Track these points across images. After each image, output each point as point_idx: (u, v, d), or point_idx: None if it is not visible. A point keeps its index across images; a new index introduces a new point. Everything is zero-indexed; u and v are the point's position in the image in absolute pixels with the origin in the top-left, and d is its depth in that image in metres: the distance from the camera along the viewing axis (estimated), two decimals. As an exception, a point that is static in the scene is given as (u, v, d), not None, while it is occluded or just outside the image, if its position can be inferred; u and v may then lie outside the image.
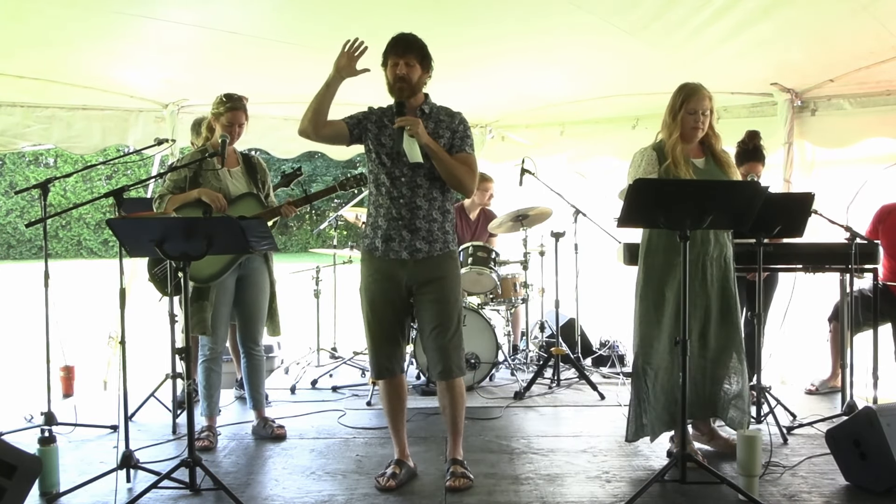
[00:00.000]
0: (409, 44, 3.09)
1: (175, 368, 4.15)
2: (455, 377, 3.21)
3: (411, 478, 3.27)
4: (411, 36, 3.11)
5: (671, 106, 3.41)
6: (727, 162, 3.46)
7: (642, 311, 3.45)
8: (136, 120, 5.54)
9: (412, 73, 3.09)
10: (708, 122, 3.38)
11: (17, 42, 4.30)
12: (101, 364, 5.34)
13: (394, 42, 3.10)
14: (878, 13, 3.78)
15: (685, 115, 3.35)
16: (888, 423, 3.01)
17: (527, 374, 5.30)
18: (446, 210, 3.24)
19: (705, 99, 3.35)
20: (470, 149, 3.22)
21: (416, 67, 3.09)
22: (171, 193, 3.75)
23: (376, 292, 3.21)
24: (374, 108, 3.26)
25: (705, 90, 3.37)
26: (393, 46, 3.10)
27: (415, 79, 3.10)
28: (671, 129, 3.38)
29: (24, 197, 25.52)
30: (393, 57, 3.10)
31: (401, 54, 3.08)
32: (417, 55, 3.09)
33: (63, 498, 3.07)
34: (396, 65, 3.09)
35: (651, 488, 2.99)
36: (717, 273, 3.42)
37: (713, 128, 3.43)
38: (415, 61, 3.09)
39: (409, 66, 3.08)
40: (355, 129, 3.21)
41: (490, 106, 6.10)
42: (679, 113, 3.36)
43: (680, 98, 3.38)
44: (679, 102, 3.37)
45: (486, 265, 5.20)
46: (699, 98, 3.34)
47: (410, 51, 3.08)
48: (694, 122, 3.34)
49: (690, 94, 3.35)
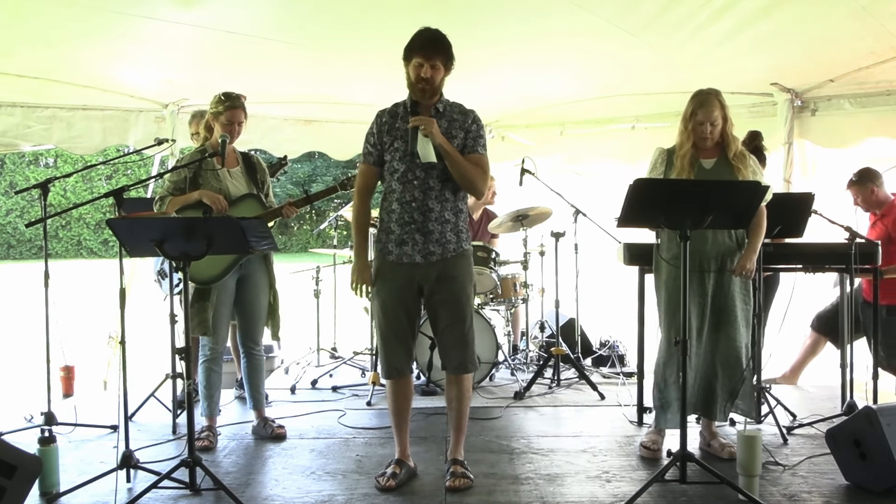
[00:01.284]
0: (437, 45, 3.02)
1: (175, 368, 4.14)
2: (469, 372, 3.25)
3: (411, 478, 3.27)
4: (437, 34, 3.04)
5: (684, 114, 3.46)
6: (741, 163, 3.44)
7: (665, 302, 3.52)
8: (136, 120, 5.55)
9: (437, 76, 3.04)
10: (719, 131, 3.41)
11: (17, 41, 4.31)
12: (101, 364, 5.34)
13: (421, 41, 3.02)
14: (878, 13, 3.79)
15: (695, 125, 3.40)
16: (888, 423, 3.01)
17: (527, 374, 5.30)
18: (459, 210, 3.22)
19: (715, 109, 3.38)
20: (483, 149, 3.19)
21: (441, 70, 3.05)
22: (171, 195, 3.74)
23: (388, 293, 3.21)
24: (383, 112, 3.23)
25: (716, 100, 3.39)
26: (421, 47, 3.02)
27: (437, 81, 3.06)
28: (682, 136, 3.45)
29: (24, 197, 25.52)
30: (420, 57, 3.02)
31: (429, 57, 3.01)
32: (443, 57, 3.04)
33: (63, 498, 3.07)
34: (421, 66, 3.02)
35: (651, 488, 2.99)
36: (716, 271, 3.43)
37: (728, 134, 3.45)
38: (440, 64, 3.04)
39: (434, 68, 3.03)
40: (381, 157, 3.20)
41: (490, 106, 6.09)
42: (689, 122, 3.42)
43: (690, 107, 3.43)
44: (689, 112, 3.43)
45: (486, 265, 5.20)
46: (707, 110, 3.37)
47: (438, 53, 3.02)
48: (702, 133, 3.39)
49: (699, 106, 3.39)
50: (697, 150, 3.46)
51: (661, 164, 3.51)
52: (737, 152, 3.46)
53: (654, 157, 3.57)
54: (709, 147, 3.46)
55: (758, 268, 3.72)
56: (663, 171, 3.49)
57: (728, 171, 3.44)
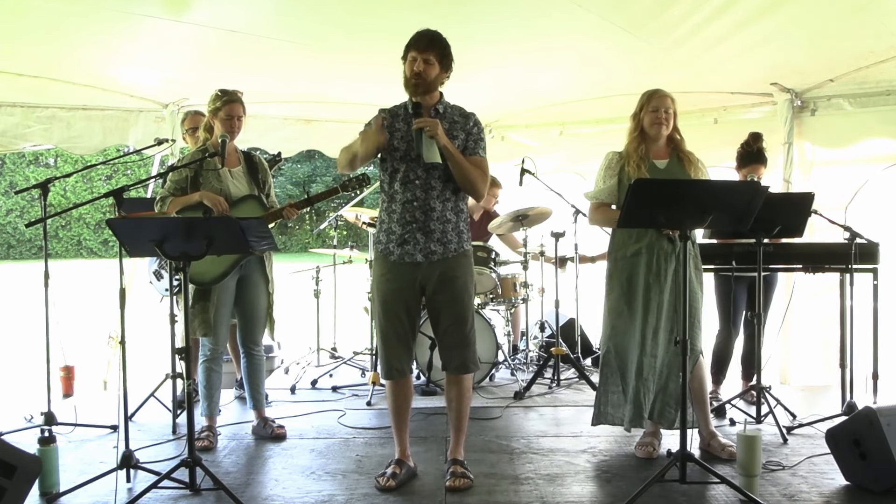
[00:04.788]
0: (430, 41, 3.07)
1: (175, 368, 4.14)
2: (471, 371, 3.26)
3: (411, 478, 3.27)
4: (435, 33, 3.09)
5: (634, 112, 3.57)
6: (693, 163, 3.52)
7: (611, 304, 3.56)
8: (136, 120, 5.54)
9: (429, 71, 3.07)
10: (672, 120, 3.51)
11: (17, 39, 4.30)
12: (101, 364, 5.34)
13: (416, 37, 3.08)
14: (878, 12, 3.78)
15: (647, 112, 3.49)
16: (888, 423, 3.01)
17: (527, 374, 5.30)
18: (460, 210, 3.23)
19: (667, 98, 3.50)
20: (483, 152, 3.21)
21: (435, 65, 3.08)
22: (172, 195, 3.74)
23: (389, 293, 3.21)
24: (384, 110, 3.23)
25: (668, 93, 3.51)
26: (415, 41, 3.08)
27: (431, 76, 3.08)
28: (633, 134, 3.54)
29: (24, 197, 25.55)
30: (413, 51, 3.07)
31: (421, 50, 3.06)
32: (438, 53, 3.07)
33: (63, 498, 3.07)
34: (415, 60, 3.07)
35: (651, 488, 2.98)
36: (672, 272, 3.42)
37: (678, 130, 3.55)
38: (434, 59, 3.07)
39: (427, 63, 3.06)
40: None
41: (490, 106, 6.09)
42: (640, 114, 3.52)
43: (642, 100, 3.54)
44: (640, 105, 3.54)
45: (486, 265, 5.20)
46: (660, 96, 3.50)
47: (431, 48, 3.06)
48: (656, 119, 3.46)
49: (652, 94, 3.52)
50: (648, 150, 3.52)
51: (617, 165, 3.52)
52: (688, 152, 3.54)
53: (606, 160, 3.59)
54: (660, 143, 3.52)
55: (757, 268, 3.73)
56: (617, 173, 3.50)
57: (682, 172, 3.48)
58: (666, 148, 3.55)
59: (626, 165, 3.49)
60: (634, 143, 3.52)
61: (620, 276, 3.52)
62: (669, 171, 3.49)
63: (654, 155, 3.53)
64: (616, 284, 3.54)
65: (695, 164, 3.51)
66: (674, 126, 3.53)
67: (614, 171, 3.52)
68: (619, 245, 3.55)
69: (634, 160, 3.45)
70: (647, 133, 3.51)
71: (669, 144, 3.55)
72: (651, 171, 3.46)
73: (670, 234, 3.38)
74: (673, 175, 3.47)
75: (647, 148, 3.52)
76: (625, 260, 3.50)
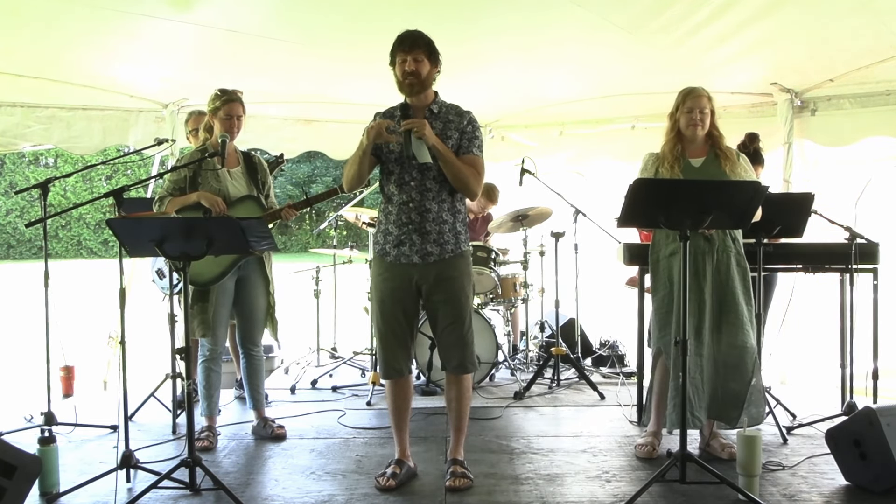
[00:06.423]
0: (415, 39, 3.08)
1: (175, 368, 4.14)
2: (469, 372, 3.26)
3: (411, 478, 3.27)
4: (417, 32, 3.11)
5: (671, 110, 3.53)
6: (731, 160, 3.47)
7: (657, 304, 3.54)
8: (136, 120, 5.54)
9: (421, 68, 3.08)
10: (708, 121, 3.47)
11: (16, 39, 4.30)
12: (101, 364, 5.34)
13: (400, 39, 3.10)
14: (878, 12, 3.78)
15: (683, 113, 3.46)
16: (888, 423, 3.01)
17: (527, 374, 5.30)
18: (457, 210, 3.23)
19: (703, 98, 3.46)
20: (478, 150, 3.20)
21: (425, 62, 3.09)
22: (170, 195, 3.74)
23: (386, 293, 3.22)
24: (378, 114, 3.25)
25: (704, 91, 3.47)
26: (400, 43, 3.10)
27: (424, 73, 3.10)
28: (670, 134, 3.51)
29: (24, 197, 25.55)
30: (401, 54, 3.09)
31: (408, 50, 3.07)
32: (425, 50, 3.09)
33: (63, 498, 3.07)
34: (405, 61, 3.08)
35: (651, 488, 2.99)
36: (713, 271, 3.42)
37: (716, 127, 3.51)
38: (423, 56, 3.08)
39: (417, 61, 3.07)
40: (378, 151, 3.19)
41: (490, 106, 6.10)
42: (676, 113, 3.49)
43: (679, 100, 3.51)
44: (677, 104, 3.50)
45: (486, 265, 5.20)
46: (696, 98, 3.45)
47: (417, 46, 3.07)
48: (692, 120, 3.43)
49: (688, 94, 3.48)
50: (685, 149, 3.50)
51: (653, 167, 3.53)
52: (726, 148, 3.50)
53: (644, 162, 3.60)
54: (698, 142, 3.50)
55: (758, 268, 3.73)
56: (654, 174, 3.51)
57: (717, 169, 3.45)
58: (704, 146, 3.52)
59: (660, 167, 3.48)
60: (670, 143, 3.50)
61: (663, 275, 3.52)
62: (704, 170, 3.46)
63: (690, 153, 3.51)
64: (660, 285, 3.53)
65: (732, 161, 3.47)
66: (711, 123, 3.48)
67: (650, 173, 3.52)
68: (658, 245, 3.56)
69: (669, 161, 3.45)
70: (684, 133, 3.49)
71: (707, 142, 3.52)
72: (685, 170, 3.45)
73: (706, 233, 3.38)
74: (707, 173, 3.44)
75: (684, 147, 3.50)
76: (665, 260, 3.51)
